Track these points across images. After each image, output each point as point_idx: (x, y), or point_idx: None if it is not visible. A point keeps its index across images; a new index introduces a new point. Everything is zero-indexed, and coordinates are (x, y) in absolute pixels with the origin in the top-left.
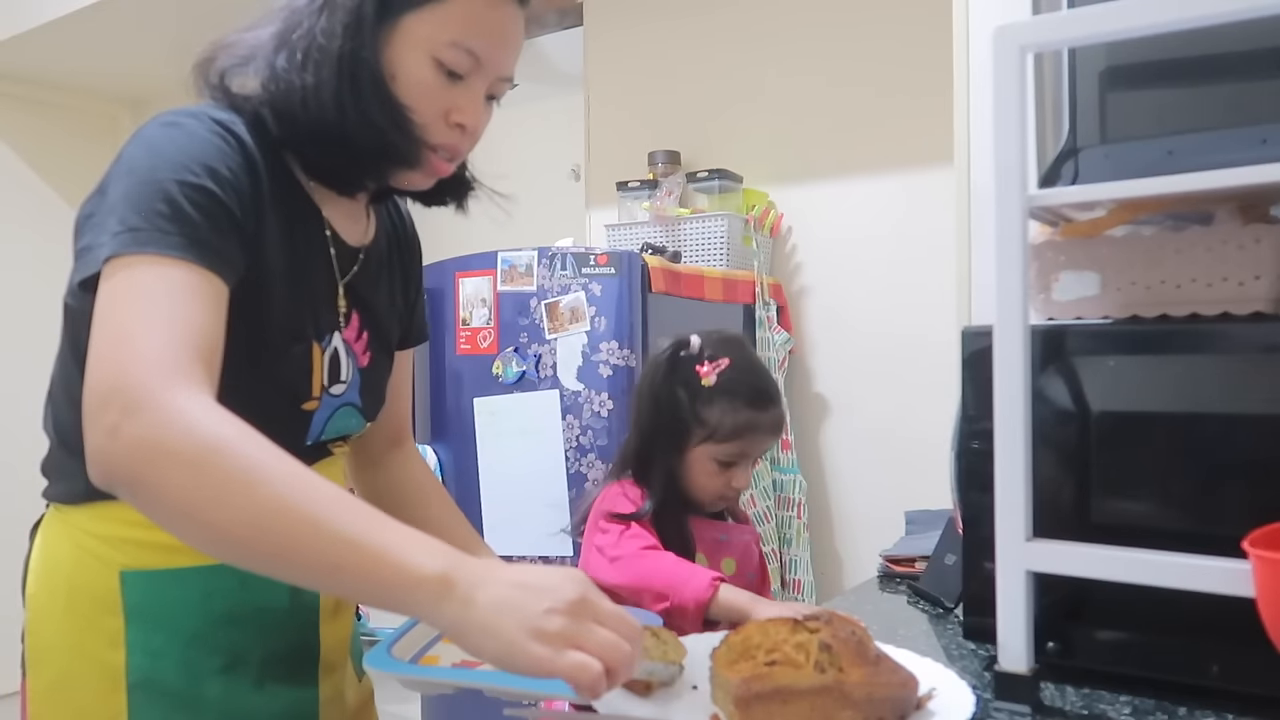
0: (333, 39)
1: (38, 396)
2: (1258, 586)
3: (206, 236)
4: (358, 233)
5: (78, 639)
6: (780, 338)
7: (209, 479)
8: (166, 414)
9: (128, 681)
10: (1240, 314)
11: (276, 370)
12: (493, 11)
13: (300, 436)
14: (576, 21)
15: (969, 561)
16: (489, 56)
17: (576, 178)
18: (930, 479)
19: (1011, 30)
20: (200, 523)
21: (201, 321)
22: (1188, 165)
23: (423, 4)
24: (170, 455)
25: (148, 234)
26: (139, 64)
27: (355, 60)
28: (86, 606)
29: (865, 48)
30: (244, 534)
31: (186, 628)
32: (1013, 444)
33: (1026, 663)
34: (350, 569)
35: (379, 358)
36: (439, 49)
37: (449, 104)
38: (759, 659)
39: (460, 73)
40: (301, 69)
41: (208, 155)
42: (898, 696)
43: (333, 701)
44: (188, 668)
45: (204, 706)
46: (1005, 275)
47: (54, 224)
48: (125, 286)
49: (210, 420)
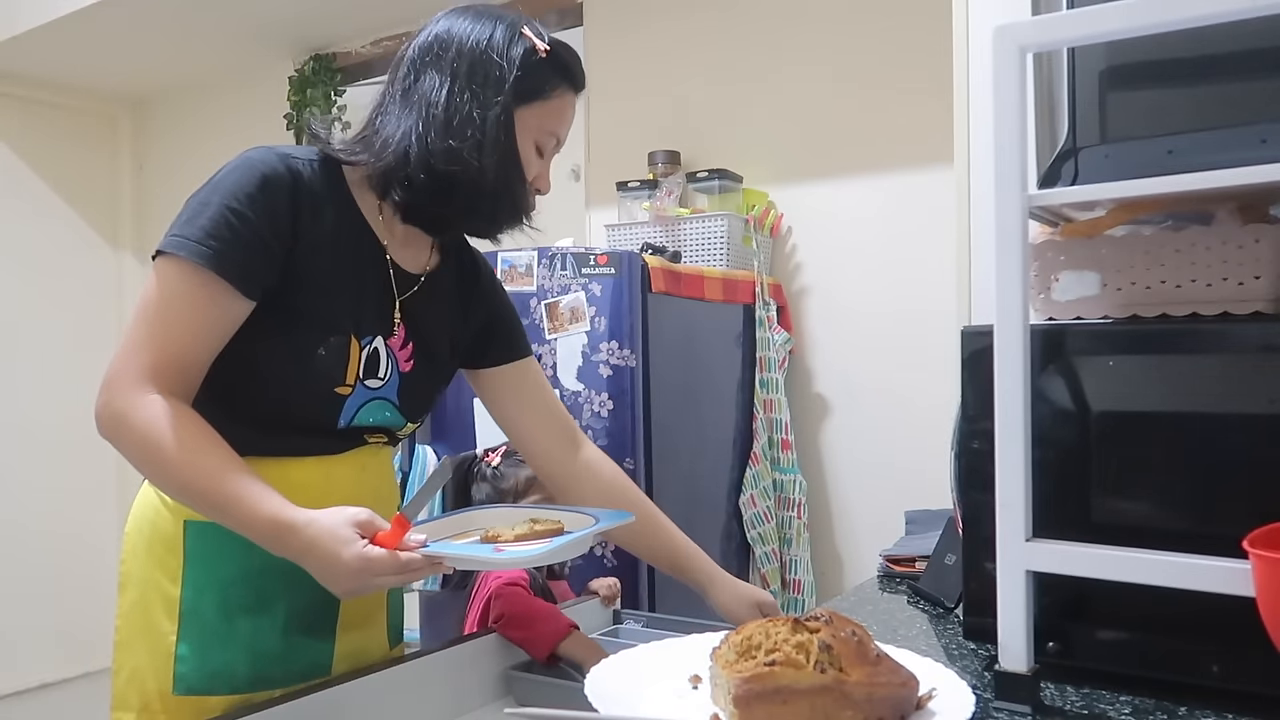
0: (455, 111)
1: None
2: (1258, 586)
3: (238, 255)
4: (418, 262)
5: (150, 572)
6: (780, 338)
7: (144, 453)
8: (117, 408)
9: (180, 609)
10: (1240, 314)
11: (314, 357)
12: (569, 109)
13: (333, 418)
14: (576, 21)
15: (969, 561)
16: (562, 139)
17: (576, 178)
18: (930, 479)
19: (1011, 30)
20: (148, 476)
21: (195, 333)
22: (1188, 165)
23: (533, 100)
24: (120, 438)
25: (190, 244)
26: (139, 64)
27: (482, 132)
28: (159, 547)
29: (865, 48)
30: (170, 490)
31: (227, 573)
32: (1013, 444)
33: (1026, 663)
34: (233, 525)
35: (423, 367)
36: (541, 137)
37: (535, 174)
38: (759, 659)
39: (546, 152)
40: (439, 134)
41: (257, 186)
42: (898, 696)
43: (349, 657)
44: (224, 606)
45: (235, 640)
46: (1005, 275)
47: (54, 224)
48: (155, 290)
49: (143, 415)
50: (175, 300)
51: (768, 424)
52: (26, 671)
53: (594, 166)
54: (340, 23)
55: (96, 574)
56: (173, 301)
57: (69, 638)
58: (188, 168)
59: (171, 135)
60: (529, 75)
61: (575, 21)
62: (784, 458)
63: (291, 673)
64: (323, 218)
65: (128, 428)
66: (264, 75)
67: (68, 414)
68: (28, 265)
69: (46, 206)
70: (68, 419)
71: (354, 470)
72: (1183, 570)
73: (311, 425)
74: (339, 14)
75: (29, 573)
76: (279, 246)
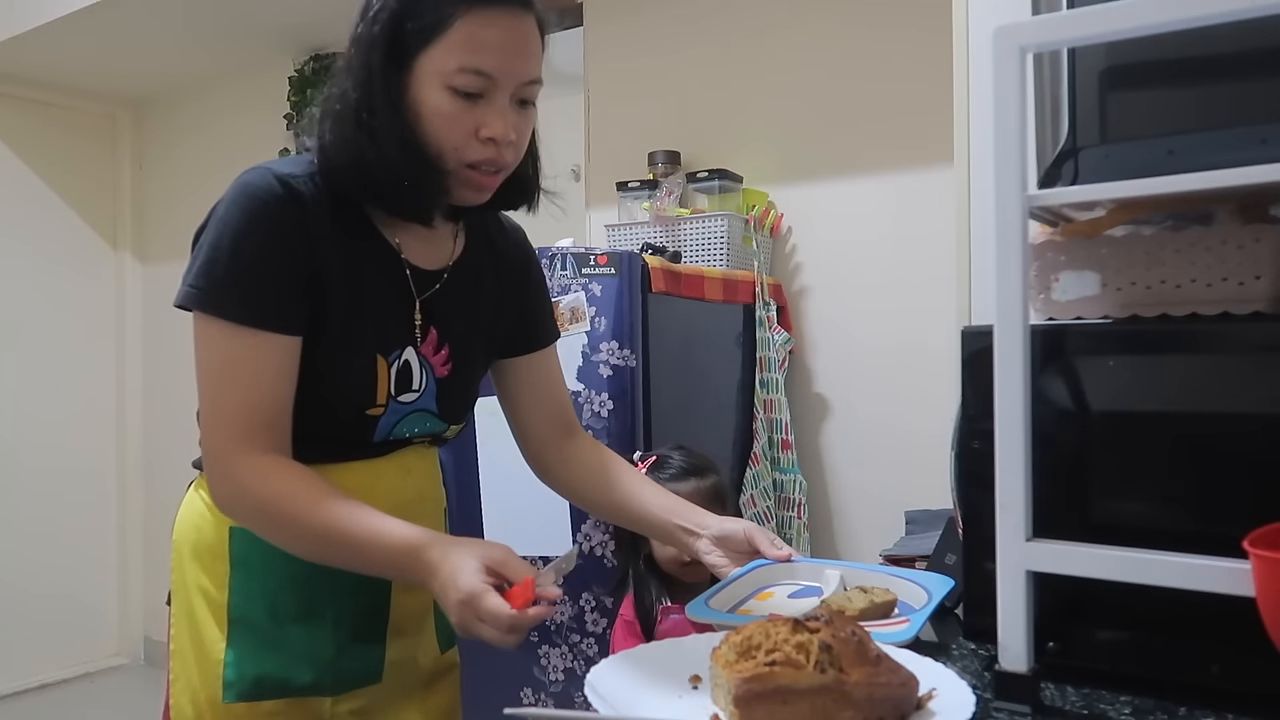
0: (347, 99)
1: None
2: (1258, 586)
3: (270, 301)
4: (439, 256)
5: (199, 578)
6: (780, 338)
7: (267, 523)
8: (233, 485)
9: (229, 616)
10: (1240, 314)
11: (340, 382)
12: (490, 29)
13: (368, 435)
14: (576, 21)
15: (969, 561)
16: (500, 69)
17: (576, 178)
18: (930, 479)
19: (1011, 30)
20: (274, 542)
21: (266, 386)
22: (1188, 165)
23: (428, 42)
24: (242, 510)
25: (220, 302)
26: (139, 64)
27: (370, 113)
28: (206, 554)
29: (865, 48)
30: (298, 551)
31: (274, 580)
32: (1013, 444)
33: (1026, 663)
34: (363, 565)
35: (461, 368)
36: (449, 78)
37: (476, 123)
38: (759, 659)
39: (475, 92)
40: (333, 130)
41: (267, 219)
42: (898, 696)
43: (400, 663)
44: (273, 613)
45: (286, 645)
46: (1005, 275)
47: (54, 224)
48: (208, 352)
49: (260, 483)
50: (233, 362)
51: (768, 424)
52: (26, 671)
53: (594, 166)
54: (340, 23)
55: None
56: (231, 363)
57: (69, 638)
58: (188, 168)
59: (171, 135)
60: (414, 14)
61: (575, 21)
62: (784, 458)
63: (343, 678)
64: (333, 237)
65: (243, 510)
66: (264, 75)
67: (68, 414)
68: (28, 265)
69: (46, 206)
70: (68, 419)
71: (398, 473)
72: (1183, 570)
73: (348, 442)
74: (339, 14)
75: (29, 573)
76: (304, 274)
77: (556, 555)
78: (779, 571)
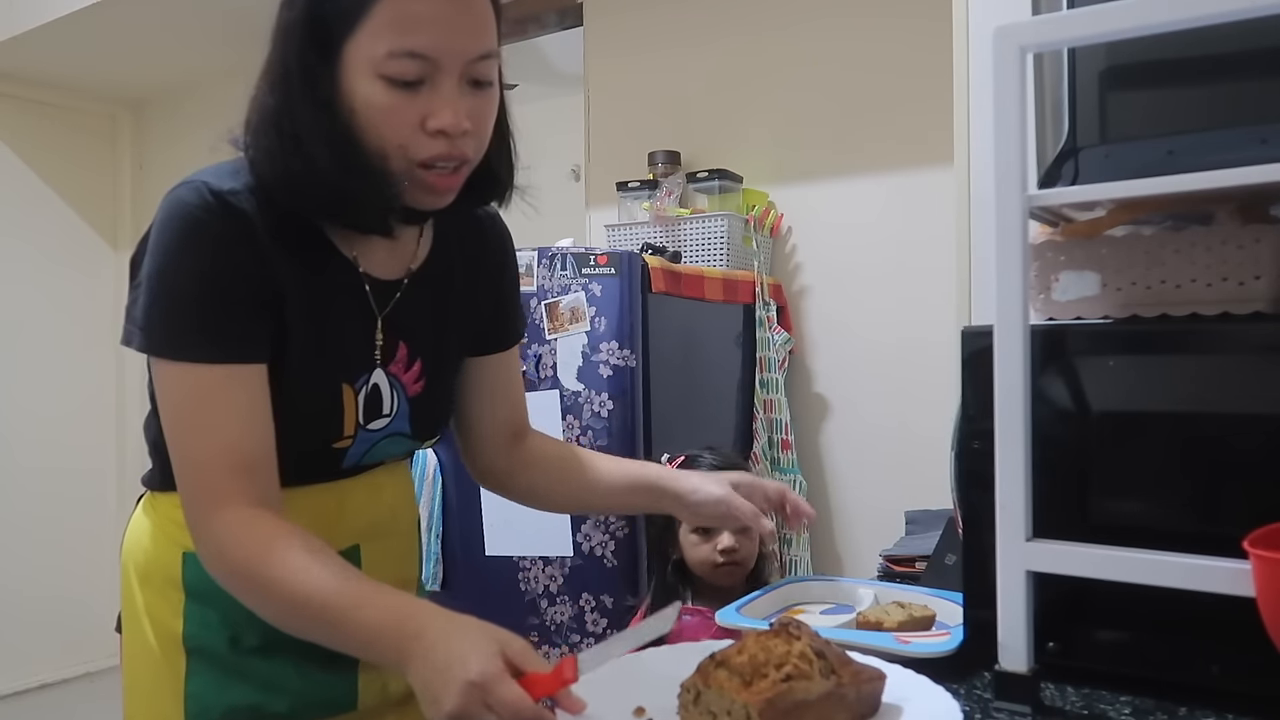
0: (265, 106)
1: (36, 393)
2: (1258, 586)
3: (226, 330)
4: (399, 264)
5: (151, 605)
6: (780, 338)
7: (240, 587)
8: (210, 545)
9: (185, 647)
10: (1240, 314)
11: (304, 416)
12: (417, 4)
13: (335, 465)
14: (576, 21)
15: (969, 561)
16: (438, 49)
17: (576, 178)
18: (930, 479)
19: (1011, 30)
20: (249, 606)
21: (239, 426)
22: (1188, 165)
23: (352, 26)
24: (220, 573)
25: (171, 342)
26: (139, 64)
27: (290, 119)
28: (158, 578)
29: (865, 48)
30: (272, 619)
31: (231, 609)
32: (1013, 444)
33: (1026, 663)
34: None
35: (435, 382)
36: (380, 65)
37: (420, 114)
38: (773, 676)
39: (414, 79)
40: (254, 142)
41: (210, 242)
42: (877, 691)
43: (372, 687)
44: (233, 643)
45: (250, 675)
46: (1005, 275)
47: (53, 224)
48: (168, 398)
49: (235, 544)
50: (197, 405)
51: (768, 424)
52: (26, 671)
53: (594, 166)
54: None
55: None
56: (196, 407)
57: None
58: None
59: (171, 135)
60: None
61: (575, 21)
62: (784, 458)
63: (314, 707)
64: (280, 257)
65: (219, 570)
66: None
67: (67, 414)
68: (28, 265)
69: (46, 206)
70: (67, 418)
71: (368, 492)
72: (1183, 570)
73: (315, 472)
74: None
75: (29, 573)
76: (258, 293)
77: (556, 555)
78: (813, 588)
